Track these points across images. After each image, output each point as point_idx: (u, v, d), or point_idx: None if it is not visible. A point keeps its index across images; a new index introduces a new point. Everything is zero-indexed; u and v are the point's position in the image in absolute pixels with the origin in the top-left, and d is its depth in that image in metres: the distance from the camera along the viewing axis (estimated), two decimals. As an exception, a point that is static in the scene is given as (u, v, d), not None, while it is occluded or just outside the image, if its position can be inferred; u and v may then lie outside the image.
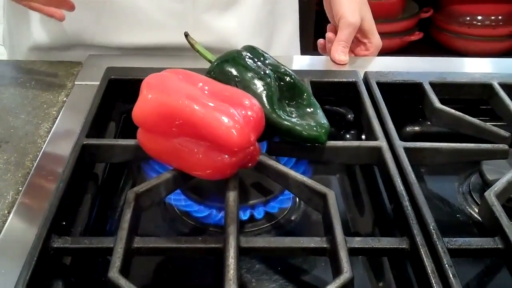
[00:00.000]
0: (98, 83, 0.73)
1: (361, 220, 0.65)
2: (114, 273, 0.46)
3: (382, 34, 0.94)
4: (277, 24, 0.98)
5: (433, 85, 0.74)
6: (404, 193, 0.56)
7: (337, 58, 0.86)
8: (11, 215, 0.56)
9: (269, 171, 0.57)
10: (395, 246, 0.52)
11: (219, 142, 0.52)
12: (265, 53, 0.65)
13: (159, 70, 0.58)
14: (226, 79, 0.61)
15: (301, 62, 0.93)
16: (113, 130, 0.72)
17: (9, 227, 0.55)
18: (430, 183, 0.69)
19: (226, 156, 0.52)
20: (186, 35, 0.65)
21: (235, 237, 0.49)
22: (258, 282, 0.55)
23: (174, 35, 0.85)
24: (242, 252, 0.50)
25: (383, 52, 0.95)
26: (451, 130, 0.70)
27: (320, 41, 0.96)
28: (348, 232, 0.62)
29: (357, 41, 0.93)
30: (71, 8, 0.77)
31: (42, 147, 0.66)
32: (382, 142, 0.63)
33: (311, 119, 0.61)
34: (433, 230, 0.51)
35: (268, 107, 0.59)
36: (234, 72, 0.61)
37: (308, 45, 1.61)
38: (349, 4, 0.90)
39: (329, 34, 0.93)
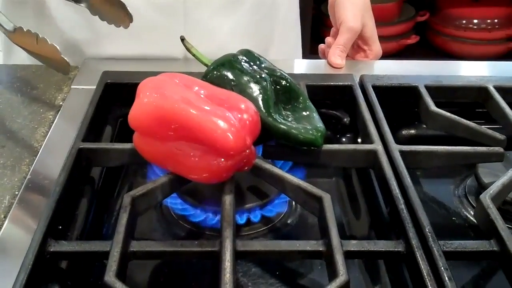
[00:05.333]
0: (94, 87, 0.73)
1: (357, 223, 0.66)
2: (110, 277, 0.46)
3: (378, 38, 0.94)
4: (275, 29, 0.98)
5: (428, 88, 0.74)
6: (399, 196, 0.56)
7: (333, 62, 0.86)
8: (7, 220, 0.56)
9: (265, 174, 0.58)
10: (390, 249, 0.52)
11: (215, 146, 0.52)
12: (261, 56, 0.65)
13: (155, 74, 0.58)
14: (222, 83, 0.61)
15: (297, 66, 0.93)
16: (110, 134, 0.72)
17: (5, 231, 0.55)
18: (426, 186, 0.69)
19: (222, 159, 0.53)
20: (182, 39, 0.65)
21: (231, 240, 0.49)
22: (254, 286, 0.55)
23: (166, 38, 0.85)
24: (238, 256, 0.50)
25: (380, 56, 0.95)
26: (446, 133, 0.70)
27: (321, 46, 0.96)
28: (344, 235, 0.62)
29: (357, 47, 0.93)
30: None
31: (38, 151, 0.66)
32: (377, 146, 0.63)
33: (307, 123, 0.61)
34: (428, 233, 0.51)
35: (264, 110, 0.59)
36: (230, 75, 0.61)
37: (305, 49, 1.61)
38: (351, 9, 0.90)
39: (328, 39, 0.93)
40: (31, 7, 0.89)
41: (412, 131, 0.79)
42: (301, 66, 0.94)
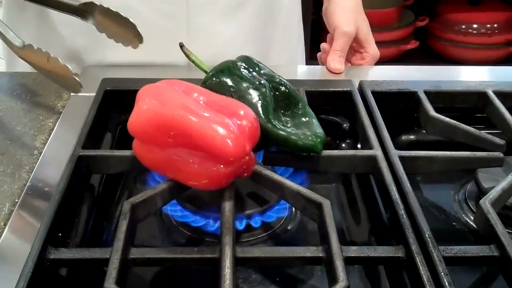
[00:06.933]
0: (94, 94, 0.73)
1: (357, 229, 0.65)
2: (110, 284, 0.46)
3: (378, 43, 0.94)
4: (277, 34, 0.98)
5: (428, 93, 0.74)
6: (399, 201, 0.56)
7: (332, 67, 0.87)
8: (7, 227, 0.56)
9: (264, 180, 0.58)
10: (390, 255, 0.52)
11: (214, 152, 0.52)
12: (260, 63, 0.65)
13: (154, 80, 0.58)
14: (221, 89, 0.61)
15: (296, 72, 0.93)
16: (109, 141, 0.72)
17: (5, 239, 0.55)
18: (426, 191, 0.69)
19: (222, 166, 0.53)
20: (181, 45, 0.65)
21: (231, 247, 0.49)
22: (254, 292, 0.55)
23: (168, 44, 0.85)
24: (238, 262, 0.50)
25: (379, 61, 0.95)
26: (446, 138, 0.70)
27: (319, 54, 0.96)
28: (344, 241, 0.62)
29: (354, 51, 0.93)
30: None
31: (38, 159, 0.66)
32: (377, 151, 0.63)
33: (306, 129, 0.61)
34: (428, 239, 0.51)
35: (263, 116, 0.59)
36: (229, 82, 0.62)
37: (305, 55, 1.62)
38: (343, 14, 0.91)
39: (323, 45, 0.94)
40: (32, 13, 0.90)
41: (412, 137, 0.79)
42: (301, 72, 0.94)
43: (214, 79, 0.62)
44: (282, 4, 0.97)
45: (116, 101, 0.74)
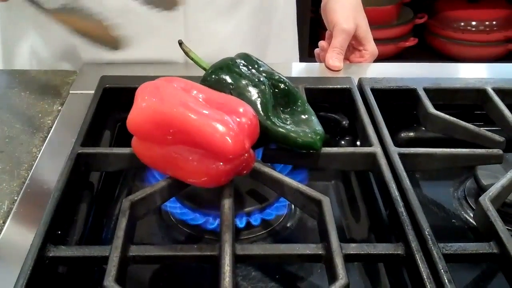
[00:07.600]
0: (93, 91, 0.73)
1: (357, 226, 0.65)
2: (109, 282, 0.46)
3: (377, 40, 0.94)
4: (273, 33, 0.98)
5: (427, 90, 0.74)
6: (399, 199, 0.56)
7: (331, 65, 0.87)
8: (6, 225, 0.56)
9: (264, 178, 0.57)
10: (390, 252, 0.52)
11: (213, 150, 0.52)
12: (259, 60, 0.65)
13: (153, 78, 0.58)
14: (221, 86, 0.61)
15: (295, 69, 0.93)
16: (108, 139, 0.72)
17: (4, 237, 0.55)
18: (425, 188, 0.69)
19: (221, 163, 0.52)
20: (180, 43, 0.65)
21: (231, 244, 0.49)
22: (254, 290, 0.55)
23: (166, 42, 0.85)
24: (238, 260, 0.50)
25: (378, 58, 0.95)
26: (445, 135, 0.70)
27: (317, 50, 0.96)
28: (344, 238, 0.62)
29: (352, 49, 0.93)
30: None
31: (37, 156, 0.66)
32: (376, 148, 0.63)
33: (305, 126, 0.61)
34: (428, 236, 0.51)
35: (262, 114, 0.59)
36: (229, 79, 0.61)
37: (303, 52, 1.62)
38: (343, 11, 0.91)
39: (321, 43, 0.94)
40: (30, 12, 0.89)
41: (411, 134, 0.79)
42: (300, 69, 0.94)
43: (213, 76, 0.62)
44: (278, 3, 0.97)
45: (115, 98, 0.74)
